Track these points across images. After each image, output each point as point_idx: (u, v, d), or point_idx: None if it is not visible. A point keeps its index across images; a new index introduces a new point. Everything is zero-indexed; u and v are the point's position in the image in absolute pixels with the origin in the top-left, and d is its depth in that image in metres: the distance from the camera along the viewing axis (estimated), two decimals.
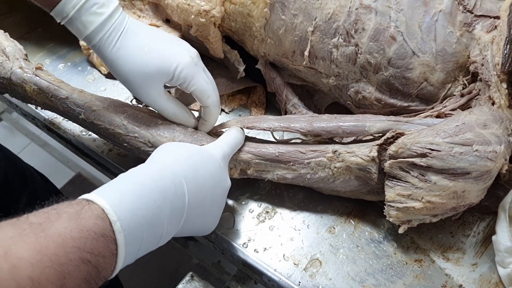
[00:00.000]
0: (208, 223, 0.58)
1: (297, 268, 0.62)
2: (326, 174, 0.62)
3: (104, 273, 0.42)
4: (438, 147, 0.55)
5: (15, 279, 0.35)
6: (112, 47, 0.59)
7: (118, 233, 0.43)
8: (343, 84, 0.67)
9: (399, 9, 0.62)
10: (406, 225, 0.61)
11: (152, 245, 0.48)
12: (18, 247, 0.36)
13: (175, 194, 0.49)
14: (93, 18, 0.57)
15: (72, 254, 0.39)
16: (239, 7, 0.67)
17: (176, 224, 0.50)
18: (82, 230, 0.40)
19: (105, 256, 0.42)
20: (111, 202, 0.43)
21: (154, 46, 0.60)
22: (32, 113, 0.79)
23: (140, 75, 0.59)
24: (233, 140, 0.62)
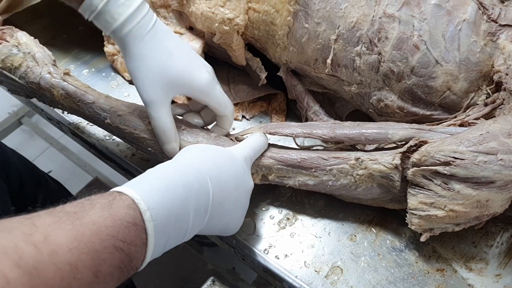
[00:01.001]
0: (232, 223, 0.58)
1: (318, 275, 0.62)
2: (348, 182, 0.62)
3: (135, 262, 0.43)
4: (462, 155, 0.55)
5: (54, 263, 0.36)
6: (139, 41, 0.58)
7: (148, 223, 0.44)
8: (365, 92, 0.68)
9: (422, 18, 0.62)
10: (428, 234, 0.60)
11: (178, 238, 0.49)
12: (57, 233, 0.37)
13: (199, 190, 0.51)
14: (122, 9, 0.57)
15: (106, 241, 0.40)
16: (263, 16, 0.68)
17: (201, 220, 0.51)
18: (114, 219, 0.42)
19: (137, 245, 0.43)
20: (140, 193, 0.45)
21: (180, 52, 0.60)
22: (57, 118, 0.80)
23: (158, 78, 0.59)
24: (255, 143, 0.62)
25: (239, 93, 0.81)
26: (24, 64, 0.69)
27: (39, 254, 0.35)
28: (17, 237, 0.35)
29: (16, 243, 0.35)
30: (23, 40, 0.72)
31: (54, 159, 1.99)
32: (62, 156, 1.87)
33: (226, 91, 0.80)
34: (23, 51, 0.70)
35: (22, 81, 0.69)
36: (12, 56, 0.69)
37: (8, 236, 0.35)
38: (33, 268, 0.34)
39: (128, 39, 0.58)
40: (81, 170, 1.83)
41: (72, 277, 0.37)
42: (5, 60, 0.69)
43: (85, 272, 0.38)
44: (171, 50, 0.59)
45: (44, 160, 2.01)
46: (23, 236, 0.35)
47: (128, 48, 0.59)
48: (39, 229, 0.37)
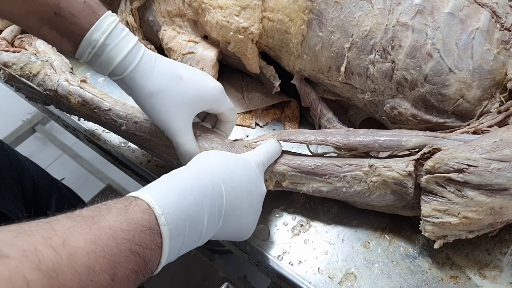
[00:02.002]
0: (245, 228, 0.59)
1: (332, 282, 0.62)
2: (362, 188, 0.62)
3: (151, 266, 0.44)
4: (476, 162, 0.55)
5: (73, 266, 0.37)
6: (148, 76, 0.57)
7: (163, 227, 0.45)
8: (379, 100, 0.68)
9: (436, 26, 0.63)
10: (442, 241, 0.61)
11: (193, 242, 0.50)
12: (75, 237, 0.38)
13: (213, 194, 0.51)
14: (123, 43, 0.56)
15: (123, 245, 0.41)
16: (277, 24, 0.69)
17: (215, 224, 0.52)
18: (130, 223, 0.43)
19: (152, 249, 0.44)
20: (156, 197, 0.46)
21: (186, 70, 0.61)
22: (73, 125, 0.82)
23: (178, 105, 0.59)
24: (269, 150, 0.63)
25: (252, 101, 0.82)
26: (42, 71, 0.70)
27: (58, 257, 0.36)
28: (37, 240, 0.36)
29: (36, 246, 0.35)
30: (41, 48, 0.74)
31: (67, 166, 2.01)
32: (75, 163, 1.89)
33: (240, 99, 0.81)
34: (41, 59, 0.71)
35: (40, 88, 0.71)
36: (30, 63, 0.71)
37: (28, 239, 0.36)
38: (52, 270, 0.35)
39: (137, 78, 0.57)
40: (94, 178, 1.85)
41: (90, 280, 0.38)
42: (23, 67, 0.71)
43: (102, 275, 0.39)
44: (180, 74, 0.60)
45: (57, 167, 2.03)
46: (42, 240, 0.36)
47: (138, 87, 0.58)
48: (57, 233, 0.38)
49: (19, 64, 0.71)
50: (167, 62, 0.60)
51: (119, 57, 0.56)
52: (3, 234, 0.36)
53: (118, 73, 0.57)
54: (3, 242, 0.34)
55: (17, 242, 0.35)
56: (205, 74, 0.64)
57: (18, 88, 0.73)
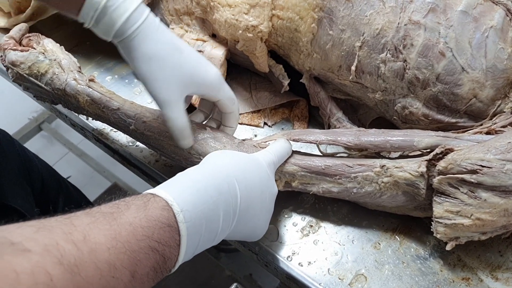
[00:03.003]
0: (258, 228, 0.58)
1: (342, 283, 0.61)
2: (373, 189, 0.62)
3: (169, 264, 0.44)
4: (489, 163, 0.54)
5: (94, 261, 0.36)
6: (149, 40, 0.57)
7: (182, 224, 0.45)
8: (390, 99, 0.67)
9: (448, 25, 0.62)
10: (454, 242, 0.60)
11: (209, 241, 0.50)
12: (95, 232, 0.38)
13: (228, 192, 0.51)
14: (125, 6, 0.55)
15: (143, 242, 0.41)
16: (287, 23, 0.68)
17: (229, 223, 0.52)
18: (149, 220, 0.42)
19: (171, 246, 0.44)
20: (174, 195, 0.46)
21: (188, 49, 0.60)
22: (81, 124, 0.81)
23: (173, 77, 0.58)
24: (279, 150, 0.63)
25: (261, 100, 0.81)
26: (50, 70, 0.70)
27: (79, 252, 0.36)
28: (58, 235, 0.36)
29: (57, 241, 0.35)
30: (49, 47, 0.73)
31: (73, 164, 2.01)
32: (81, 161, 1.89)
33: (248, 98, 0.81)
34: (49, 58, 0.71)
35: (48, 87, 0.70)
36: (38, 63, 0.70)
37: (49, 234, 0.36)
38: (74, 266, 0.35)
39: (137, 39, 0.56)
40: (100, 176, 1.85)
41: (111, 276, 0.37)
42: (31, 66, 0.70)
43: (123, 272, 0.38)
44: (181, 47, 0.59)
45: (63, 166, 2.03)
46: (63, 235, 0.36)
47: (136, 49, 0.57)
48: (78, 228, 0.37)
49: (27, 63, 0.70)
50: (171, 32, 0.59)
51: (122, 18, 0.55)
52: (23, 229, 0.35)
53: (120, 35, 0.56)
54: (24, 237, 0.34)
55: (38, 237, 0.35)
56: (206, 60, 0.62)
57: (26, 87, 0.73)
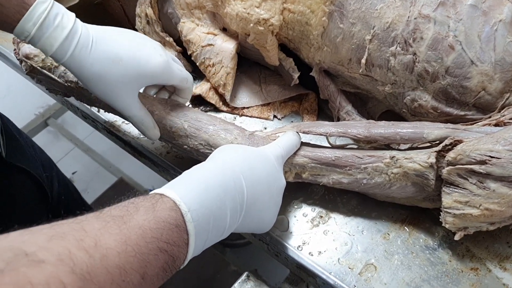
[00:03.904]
0: (265, 221, 0.59)
1: (352, 272, 0.62)
2: (382, 180, 0.62)
3: (178, 262, 0.45)
4: (498, 154, 0.55)
5: (105, 267, 0.37)
6: (84, 64, 0.59)
7: (189, 224, 0.46)
8: (399, 92, 0.68)
9: (458, 18, 0.62)
10: (462, 232, 0.61)
11: (216, 237, 0.51)
12: (106, 238, 0.39)
13: (235, 189, 0.52)
14: (56, 33, 0.57)
15: (151, 244, 0.42)
16: (298, 16, 0.69)
17: (236, 218, 0.53)
18: (158, 222, 0.43)
19: (179, 246, 0.45)
20: (181, 195, 0.47)
21: (127, 50, 0.61)
22: (93, 116, 0.82)
23: (117, 87, 0.61)
24: (288, 142, 0.64)
25: (270, 93, 0.82)
26: None
27: (91, 259, 0.37)
28: (70, 243, 0.36)
29: (70, 249, 0.36)
30: None
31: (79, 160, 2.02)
32: (86, 157, 1.91)
33: (258, 91, 0.82)
34: None
35: (61, 80, 0.71)
36: None
37: (62, 242, 0.36)
38: (86, 273, 0.36)
39: (74, 65, 0.59)
40: (106, 171, 1.86)
41: (122, 280, 0.38)
42: (45, 59, 0.71)
43: (133, 275, 0.39)
44: (119, 54, 0.60)
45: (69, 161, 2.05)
46: (75, 242, 0.37)
47: (76, 73, 0.61)
48: (89, 234, 0.38)
49: (40, 56, 0.71)
50: (106, 45, 0.60)
51: (53, 47, 0.57)
52: (36, 237, 0.36)
53: (56, 60, 0.59)
54: (38, 246, 0.35)
55: (51, 246, 0.36)
56: (151, 49, 0.64)
57: (39, 80, 0.74)
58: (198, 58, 0.81)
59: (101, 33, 0.61)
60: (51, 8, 0.57)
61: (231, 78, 0.79)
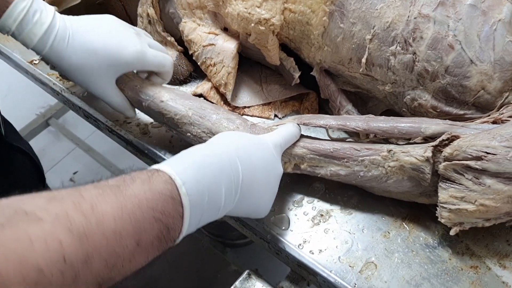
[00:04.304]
0: (261, 206, 0.60)
1: (352, 270, 0.63)
2: (379, 173, 0.63)
3: (173, 234, 0.46)
4: (494, 150, 0.56)
5: (101, 231, 0.39)
6: (63, 55, 0.65)
7: (184, 196, 0.47)
8: (399, 91, 0.69)
9: (457, 18, 0.63)
10: (458, 228, 0.61)
11: (211, 215, 0.52)
12: (102, 204, 0.40)
13: (230, 169, 0.53)
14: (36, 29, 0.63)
15: (147, 213, 0.43)
16: (299, 16, 0.70)
17: (232, 199, 0.54)
18: (154, 193, 0.44)
19: (174, 217, 0.46)
20: (176, 170, 0.48)
21: (102, 42, 0.66)
22: (95, 115, 0.83)
23: (94, 76, 0.67)
24: (287, 132, 0.65)
25: (271, 93, 0.83)
26: None
27: (88, 222, 0.38)
28: (68, 206, 0.38)
29: (67, 211, 0.37)
30: None
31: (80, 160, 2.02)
32: (88, 157, 1.91)
33: (259, 91, 0.82)
34: None
35: None
36: None
37: (60, 204, 0.38)
38: (83, 234, 0.37)
39: (52, 57, 0.66)
40: (107, 171, 1.86)
41: (117, 244, 0.40)
42: None
43: (128, 240, 0.41)
44: (93, 48, 0.66)
45: (70, 161, 2.05)
46: (73, 205, 0.38)
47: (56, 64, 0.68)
48: (86, 199, 0.40)
49: None
50: (82, 38, 0.66)
51: (33, 42, 0.64)
52: (36, 199, 0.38)
53: (37, 52, 0.66)
54: (37, 206, 0.37)
55: (49, 207, 0.37)
56: (124, 39, 0.68)
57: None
58: (200, 58, 0.81)
59: (78, 26, 0.66)
60: (30, 6, 0.63)
61: (232, 77, 0.79)
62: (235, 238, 1.61)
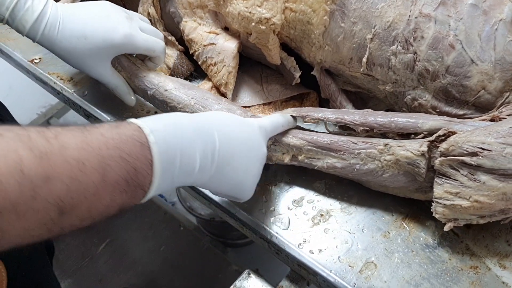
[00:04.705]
0: (243, 185, 0.59)
1: (352, 270, 0.63)
2: (375, 167, 0.63)
3: (142, 179, 0.45)
4: (490, 146, 0.55)
5: (63, 155, 0.39)
6: (55, 41, 0.68)
7: (153, 144, 0.46)
8: (400, 91, 0.69)
9: (458, 18, 0.63)
10: (452, 224, 0.61)
11: (186, 176, 0.51)
12: (67, 135, 0.40)
13: (206, 135, 0.53)
14: (27, 16, 0.66)
15: (113, 151, 0.42)
16: (299, 15, 0.70)
17: (208, 165, 0.53)
18: (121, 135, 0.44)
19: (142, 162, 0.45)
20: (147, 123, 0.48)
21: (90, 30, 0.68)
22: (96, 115, 0.83)
23: (87, 59, 0.70)
24: (275, 119, 0.65)
25: (272, 92, 0.83)
26: None
27: (50, 145, 0.38)
28: (31, 131, 0.38)
29: (30, 134, 0.38)
30: None
31: None
32: None
33: (259, 91, 0.82)
34: None
35: None
36: None
37: (23, 129, 0.38)
38: (44, 154, 0.37)
39: (45, 43, 0.68)
40: None
41: (80, 170, 0.39)
42: None
43: (92, 172, 0.40)
44: (83, 33, 0.68)
45: None
46: (36, 131, 0.39)
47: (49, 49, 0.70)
48: (51, 130, 0.40)
49: None
50: (72, 24, 0.68)
51: (25, 28, 0.67)
52: (2, 125, 0.38)
53: (32, 39, 0.69)
54: (1, 128, 0.37)
55: (12, 128, 0.38)
56: (113, 22, 0.69)
57: None
58: (200, 57, 0.81)
59: (69, 12, 0.68)
60: None
61: (232, 77, 0.79)
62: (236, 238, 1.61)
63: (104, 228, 1.60)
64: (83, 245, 1.59)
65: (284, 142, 0.66)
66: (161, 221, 1.62)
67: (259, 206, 0.70)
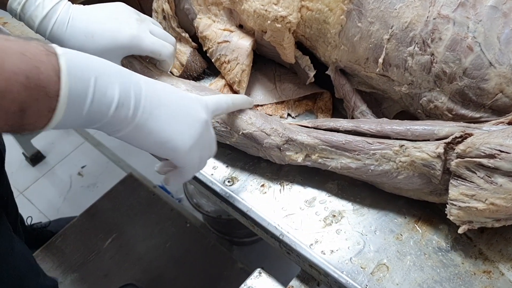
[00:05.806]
0: (170, 144, 0.54)
1: (364, 272, 0.62)
2: (390, 168, 0.62)
3: (45, 81, 0.42)
4: (508, 149, 0.55)
5: None
6: (63, 38, 0.67)
7: (61, 55, 0.44)
8: (416, 93, 0.68)
9: (477, 20, 0.62)
10: (467, 226, 0.60)
11: (102, 110, 0.47)
12: None
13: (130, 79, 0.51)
14: (37, 12, 0.66)
15: (12, 43, 0.41)
16: (316, 14, 0.69)
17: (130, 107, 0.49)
18: (26, 40, 0.43)
19: (46, 65, 0.42)
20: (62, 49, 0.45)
21: (98, 29, 0.68)
22: None
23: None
24: (218, 96, 0.63)
25: (285, 91, 0.82)
26: None
27: None
28: None
29: None
30: None
31: (88, 154, 2.03)
32: (96, 151, 1.91)
33: (272, 89, 0.82)
34: None
35: None
36: None
37: None
38: None
39: (54, 40, 0.68)
40: (115, 166, 1.87)
41: None
42: None
43: None
44: (91, 32, 0.67)
45: (78, 155, 2.06)
46: None
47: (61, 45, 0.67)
48: None
49: None
50: (81, 22, 0.68)
51: (35, 24, 0.67)
52: None
53: (42, 35, 0.69)
54: None
55: None
56: (121, 23, 0.69)
57: None
58: (214, 55, 0.81)
59: (81, 11, 0.68)
60: None
61: (246, 75, 0.79)
62: (242, 236, 1.61)
63: (110, 224, 1.61)
64: (89, 240, 1.59)
65: (298, 141, 0.66)
66: (167, 217, 1.62)
67: (271, 205, 0.69)
